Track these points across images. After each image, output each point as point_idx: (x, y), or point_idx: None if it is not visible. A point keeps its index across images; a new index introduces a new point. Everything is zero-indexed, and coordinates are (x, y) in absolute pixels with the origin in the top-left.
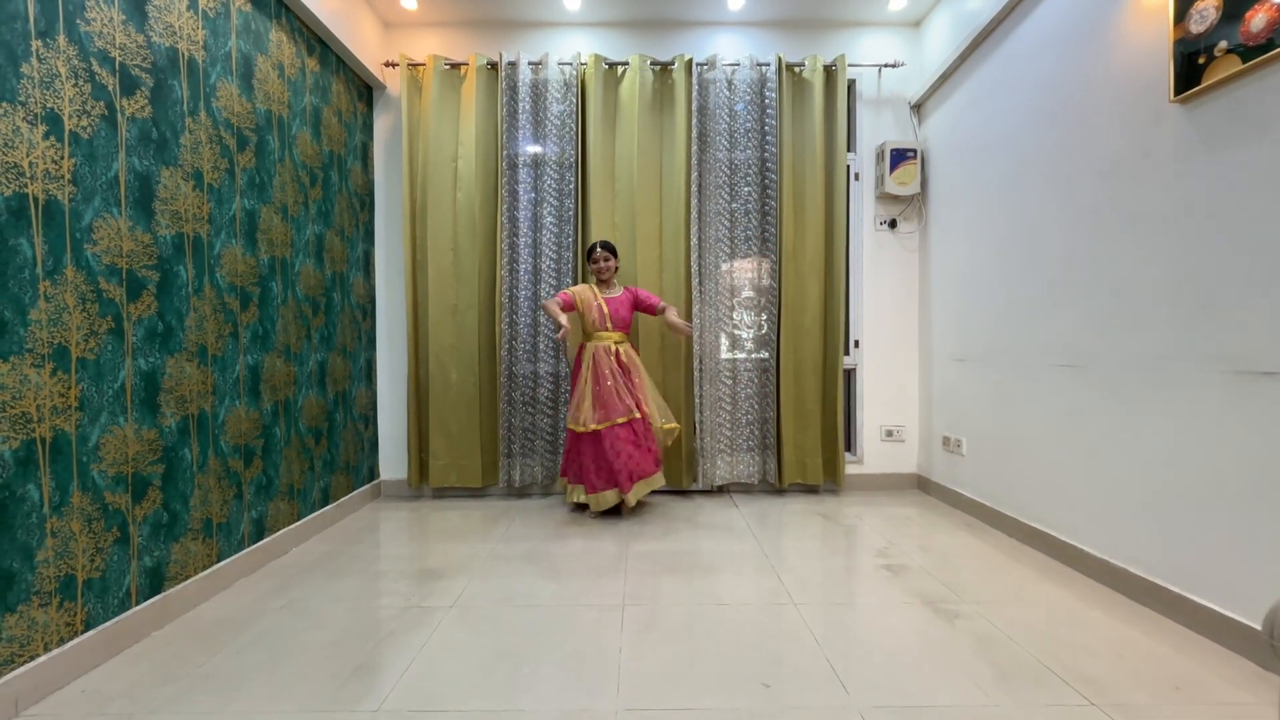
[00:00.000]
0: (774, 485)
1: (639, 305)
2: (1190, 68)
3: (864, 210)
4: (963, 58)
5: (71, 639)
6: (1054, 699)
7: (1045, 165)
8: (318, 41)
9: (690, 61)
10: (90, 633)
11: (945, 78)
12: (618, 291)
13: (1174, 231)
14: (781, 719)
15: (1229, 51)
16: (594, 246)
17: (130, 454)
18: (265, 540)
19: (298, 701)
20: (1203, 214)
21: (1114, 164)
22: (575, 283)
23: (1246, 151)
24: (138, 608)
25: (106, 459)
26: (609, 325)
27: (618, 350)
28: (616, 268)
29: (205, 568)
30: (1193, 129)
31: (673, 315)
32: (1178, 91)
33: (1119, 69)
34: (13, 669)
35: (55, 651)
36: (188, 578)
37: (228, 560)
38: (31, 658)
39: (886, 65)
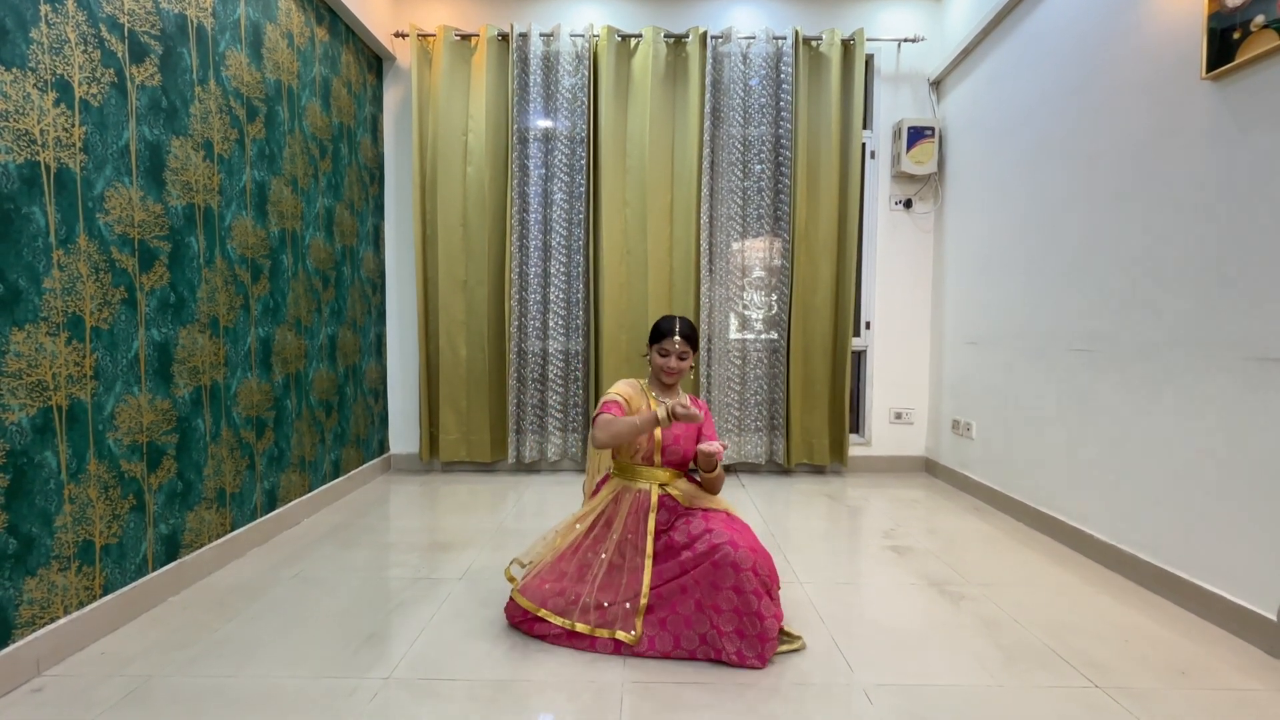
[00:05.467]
0: (781, 466)
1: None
2: (1224, 44)
3: (879, 189)
4: (985, 32)
5: (90, 603)
6: (1058, 680)
7: (1067, 144)
8: (327, 10)
9: (705, 34)
10: (108, 597)
11: (966, 53)
12: None
13: (1199, 214)
14: (786, 694)
15: (1265, 27)
16: (665, 324)
17: (145, 423)
18: (277, 511)
19: (311, 668)
20: (1231, 196)
21: (1139, 143)
22: (587, 268)
23: None
24: (154, 573)
25: (122, 428)
26: (657, 458)
27: (663, 499)
28: (694, 367)
29: (219, 536)
30: (1224, 108)
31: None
32: (1210, 68)
33: (1147, 45)
34: (34, 630)
35: (75, 614)
36: (202, 545)
37: (241, 529)
38: (52, 620)
39: (906, 40)
